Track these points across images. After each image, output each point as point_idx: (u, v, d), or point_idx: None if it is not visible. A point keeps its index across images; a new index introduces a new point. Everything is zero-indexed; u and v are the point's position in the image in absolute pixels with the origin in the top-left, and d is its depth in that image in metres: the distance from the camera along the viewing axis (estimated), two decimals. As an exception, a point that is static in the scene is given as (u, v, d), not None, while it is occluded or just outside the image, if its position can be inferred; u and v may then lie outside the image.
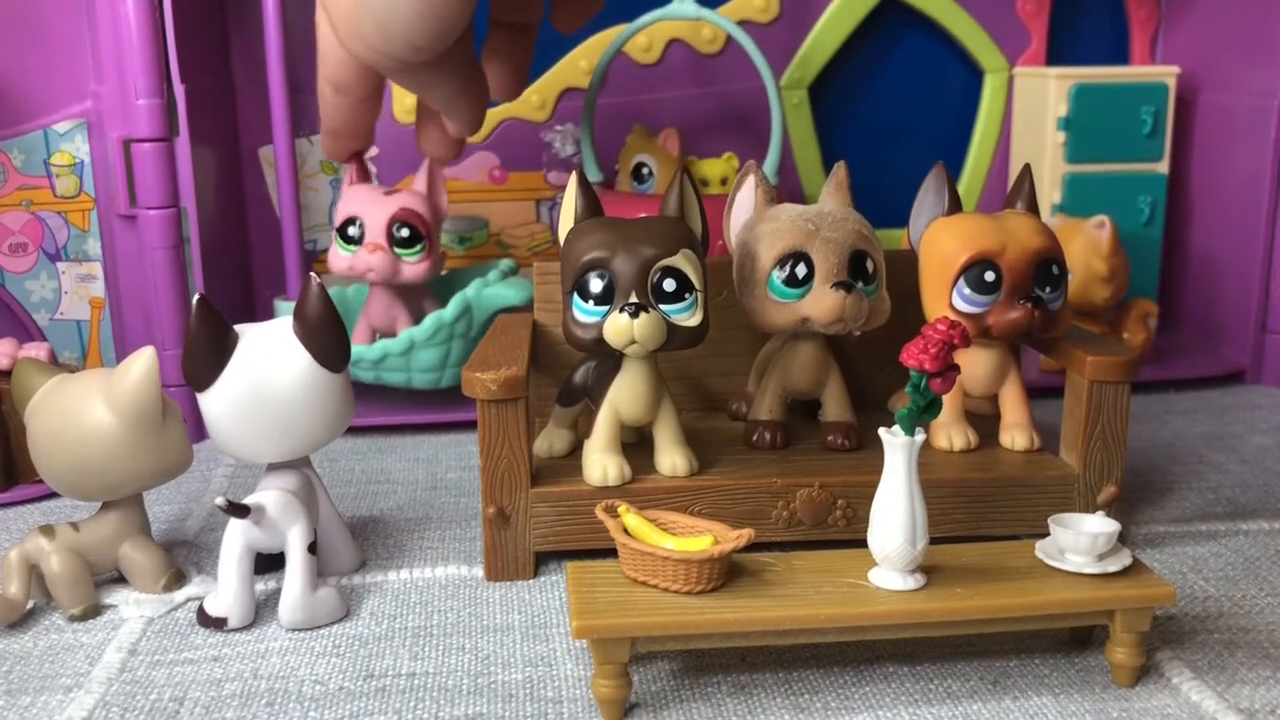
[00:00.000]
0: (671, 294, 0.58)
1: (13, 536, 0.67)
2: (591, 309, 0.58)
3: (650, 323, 0.57)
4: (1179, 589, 0.61)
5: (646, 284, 0.57)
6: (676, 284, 0.57)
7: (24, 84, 0.83)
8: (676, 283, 0.57)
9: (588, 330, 0.58)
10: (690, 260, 0.58)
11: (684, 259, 0.58)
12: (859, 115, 1.01)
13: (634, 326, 0.56)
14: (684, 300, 0.58)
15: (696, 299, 0.58)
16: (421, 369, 0.82)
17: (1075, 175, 0.95)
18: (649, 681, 0.52)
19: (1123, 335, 0.93)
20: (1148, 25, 1.02)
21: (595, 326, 0.57)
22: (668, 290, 0.57)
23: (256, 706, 0.50)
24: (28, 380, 0.59)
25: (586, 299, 0.58)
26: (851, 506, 0.62)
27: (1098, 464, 0.63)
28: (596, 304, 0.57)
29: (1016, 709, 0.50)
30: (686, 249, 0.58)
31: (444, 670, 0.53)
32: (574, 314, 0.58)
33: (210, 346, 0.56)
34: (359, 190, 0.83)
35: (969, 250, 0.63)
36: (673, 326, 0.58)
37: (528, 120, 0.95)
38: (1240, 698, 0.51)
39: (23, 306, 0.86)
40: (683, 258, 0.57)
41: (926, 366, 0.49)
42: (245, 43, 0.91)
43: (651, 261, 0.57)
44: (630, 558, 0.51)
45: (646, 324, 0.57)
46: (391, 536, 0.68)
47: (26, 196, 0.84)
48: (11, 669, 0.54)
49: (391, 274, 0.81)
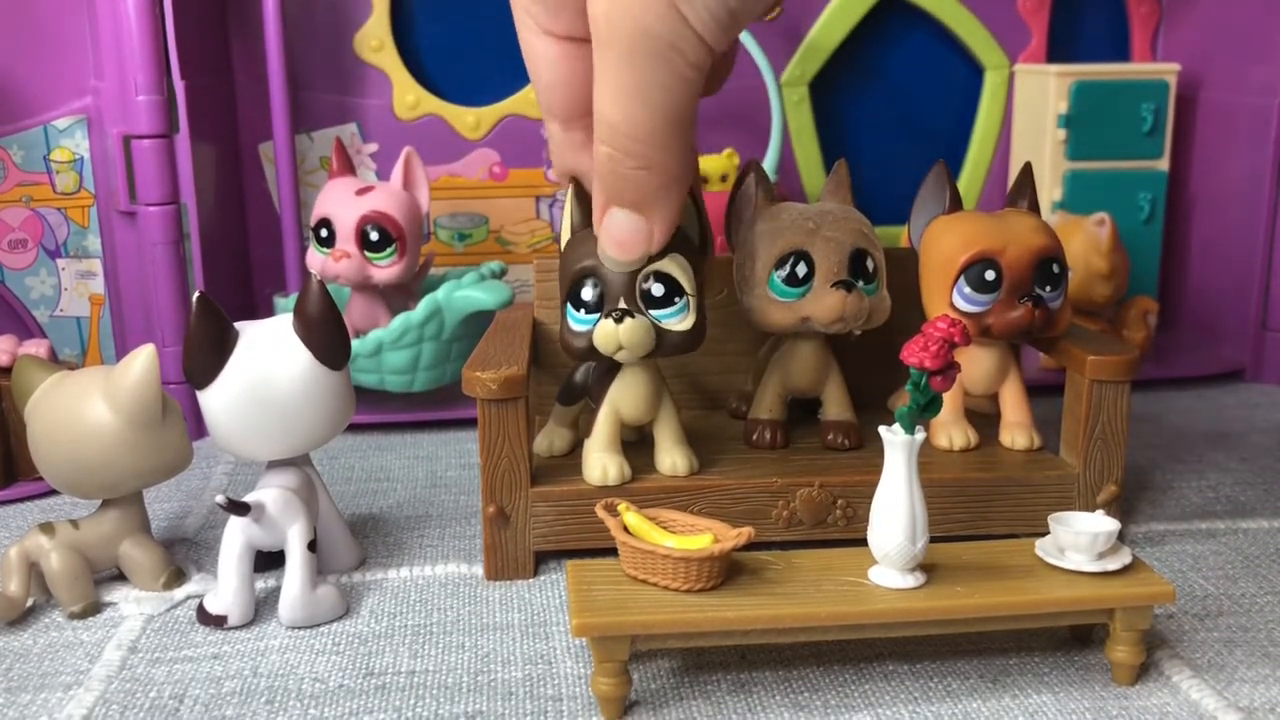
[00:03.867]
0: (660, 299, 0.57)
1: (12, 534, 0.67)
2: (584, 317, 0.57)
3: (636, 328, 0.56)
4: (1179, 587, 0.61)
5: (635, 290, 0.57)
6: (665, 289, 0.57)
7: (24, 80, 0.83)
8: (665, 287, 0.57)
9: (580, 339, 0.58)
10: (679, 264, 0.57)
11: (672, 263, 0.57)
12: (859, 112, 1.01)
13: (619, 332, 0.56)
14: (673, 305, 0.57)
15: (688, 303, 0.58)
16: (392, 371, 0.82)
17: (1075, 172, 0.95)
18: (649, 679, 0.52)
19: (1123, 333, 0.93)
20: (1148, 22, 1.02)
21: (587, 335, 0.57)
22: (656, 295, 0.57)
23: (256, 704, 0.50)
24: (28, 377, 0.59)
25: (579, 307, 0.57)
26: (851, 506, 0.62)
27: (1097, 463, 0.63)
28: (588, 312, 0.57)
29: (1016, 707, 0.50)
30: (675, 252, 0.57)
31: (444, 668, 0.53)
32: (568, 323, 0.58)
33: (210, 344, 0.56)
34: (335, 187, 0.83)
35: (969, 249, 0.63)
36: (662, 332, 0.57)
37: (528, 117, 0.95)
38: (1240, 696, 0.51)
39: (22, 303, 0.86)
40: (671, 261, 0.57)
41: (927, 364, 0.49)
42: (245, 39, 0.91)
43: (639, 269, 0.56)
44: (630, 556, 0.51)
45: (632, 329, 0.56)
46: (391, 534, 0.68)
47: (26, 193, 0.84)
48: (11, 666, 0.54)
49: (361, 278, 0.81)
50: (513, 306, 0.78)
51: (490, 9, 0.95)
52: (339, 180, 0.84)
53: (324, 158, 0.94)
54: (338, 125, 0.94)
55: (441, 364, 0.83)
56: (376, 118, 0.94)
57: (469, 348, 0.80)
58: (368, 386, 0.83)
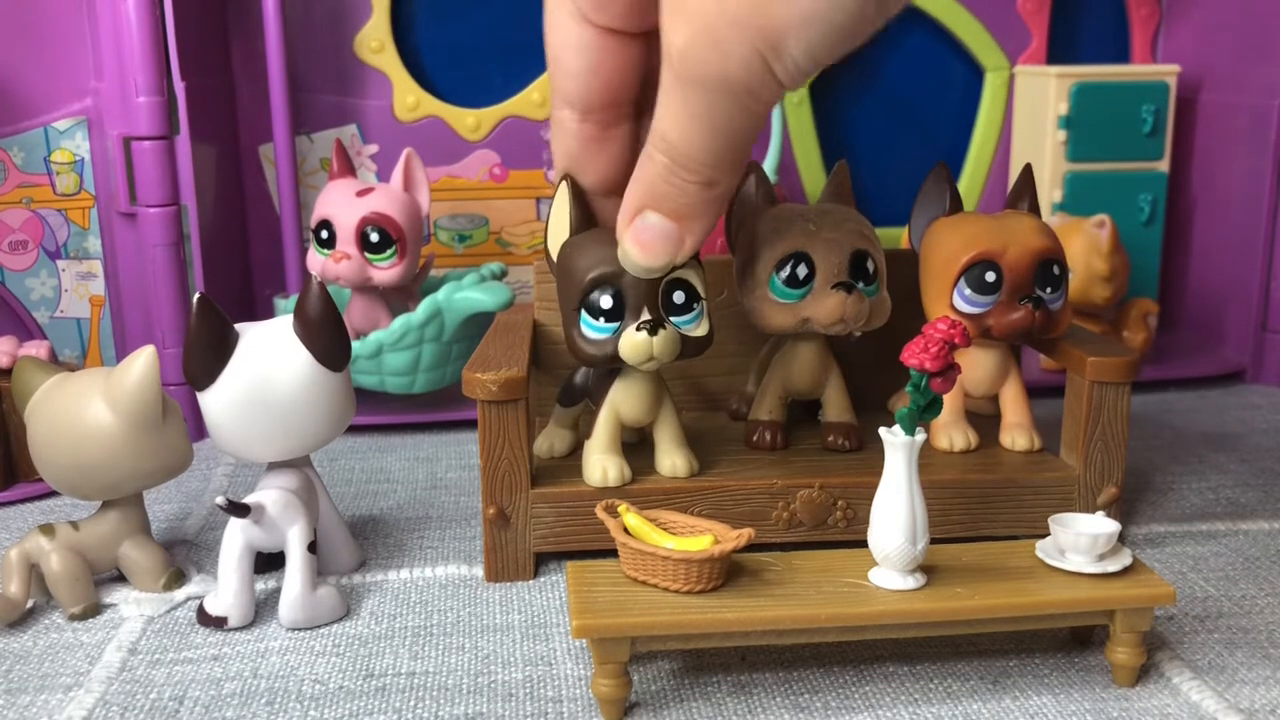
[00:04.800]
0: (680, 306, 0.57)
1: (12, 535, 0.67)
2: (602, 325, 0.57)
3: (668, 339, 0.56)
4: (1179, 589, 0.61)
5: (658, 298, 0.56)
6: (685, 296, 0.57)
7: (24, 81, 0.83)
8: (685, 294, 0.57)
9: (600, 347, 0.57)
10: (696, 271, 0.57)
11: (691, 270, 0.57)
12: (860, 114, 1.01)
13: (654, 344, 0.56)
14: (692, 311, 0.57)
15: (702, 308, 0.58)
16: (392, 372, 0.82)
17: (1076, 174, 0.95)
18: (649, 681, 0.52)
19: (1123, 334, 0.93)
20: (1148, 24, 1.02)
21: (608, 343, 0.57)
22: (677, 303, 0.57)
23: (256, 705, 0.50)
24: (28, 379, 0.59)
25: (596, 316, 0.57)
26: (852, 507, 0.62)
27: (1098, 464, 0.63)
28: (607, 320, 0.57)
29: (1016, 708, 0.50)
30: (692, 259, 0.57)
31: (444, 669, 0.53)
32: (582, 331, 0.57)
33: (210, 345, 0.56)
34: (335, 188, 0.83)
35: (970, 250, 0.63)
36: (683, 338, 0.57)
37: (528, 118, 0.95)
38: (1240, 697, 0.51)
39: (23, 304, 0.86)
40: (689, 269, 0.57)
41: (927, 366, 0.49)
42: (245, 40, 0.91)
43: (662, 276, 0.56)
44: (630, 557, 0.51)
45: (665, 341, 0.56)
46: (391, 536, 0.68)
47: (27, 194, 0.84)
48: (11, 668, 0.54)
49: (361, 280, 0.81)
50: (513, 308, 0.78)
51: (490, 10, 0.95)
52: (339, 181, 0.84)
53: (324, 159, 0.94)
54: (338, 127, 0.94)
55: (442, 365, 0.83)
56: (377, 119, 0.94)
57: (469, 349, 0.80)
58: (368, 388, 0.83)
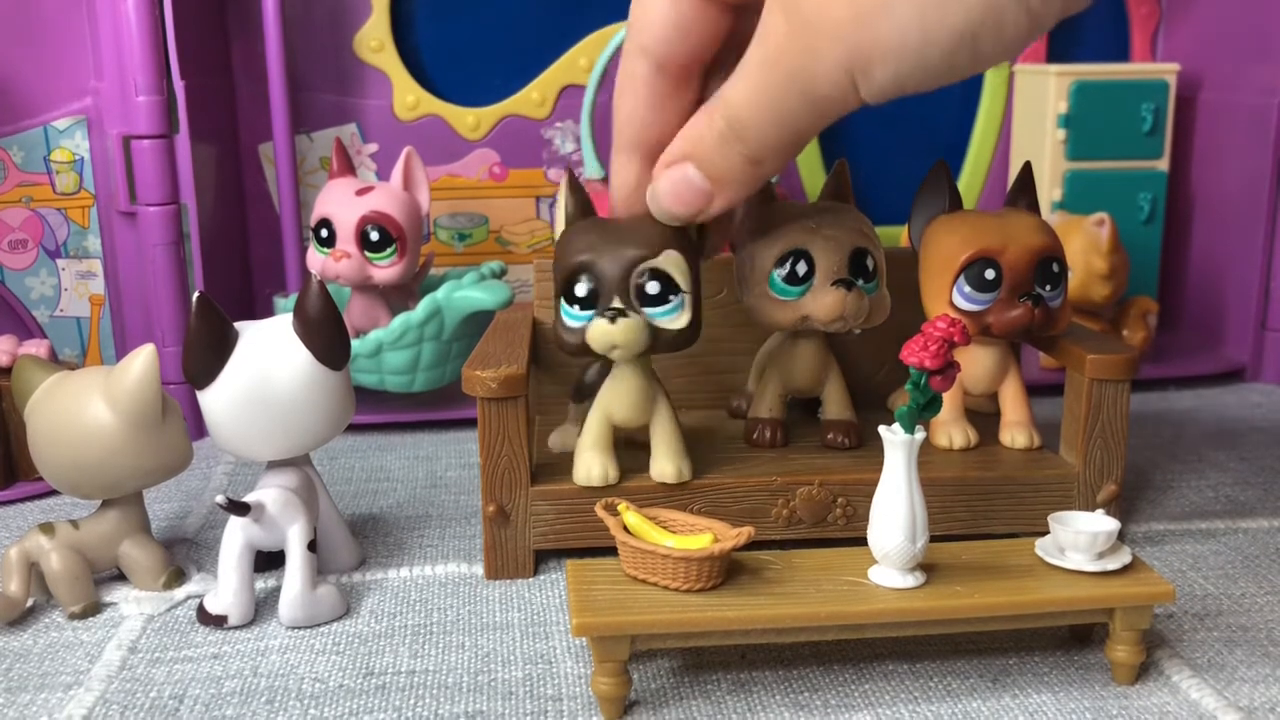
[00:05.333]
0: (655, 296, 0.56)
1: (12, 534, 0.67)
2: (578, 313, 0.57)
3: (631, 327, 0.56)
4: (1178, 587, 0.61)
5: (629, 287, 0.56)
6: (661, 286, 0.56)
7: (24, 81, 0.83)
8: (660, 285, 0.56)
9: (574, 335, 0.57)
10: (675, 261, 0.56)
11: (668, 260, 0.56)
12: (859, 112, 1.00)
13: (613, 332, 0.55)
14: (668, 303, 0.56)
15: (683, 300, 0.57)
16: (392, 371, 0.82)
17: (1075, 172, 0.95)
18: (649, 679, 0.52)
19: (1122, 333, 0.93)
20: (1148, 22, 1.02)
21: (581, 331, 0.57)
22: (651, 293, 0.56)
23: (256, 704, 0.50)
24: (27, 377, 0.59)
25: (573, 303, 0.57)
26: (851, 505, 0.62)
27: (1097, 462, 0.63)
28: (582, 308, 0.57)
29: (1016, 706, 0.50)
30: (671, 249, 0.56)
31: (444, 668, 0.53)
32: (562, 319, 0.58)
33: (210, 344, 0.56)
34: (335, 187, 0.83)
35: (969, 248, 0.63)
36: (657, 330, 0.57)
37: (528, 117, 0.95)
38: (1239, 695, 0.51)
39: (22, 303, 0.86)
40: (666, 258, 0.56)
41: (927, 364, 0.49)
42: (245, 39, 0.91)
43: (634, 263, 0.56)
44: (630, 556, 0.51)
45: (627, 329, 0.55)
46: (391, 534, 0.68)
47: (26, 193, 0.84)
48: (11, 667, 0.54)
49: (361, 278, 0.81)
50: (512, 306, 0.78)
51: (490, 10, 0.95)
52: (339, 180, 0.84)
53: (324, 158, 0.94)
54: (338, 125, 0.94)
55: (441, 364, 0.83)
56: (376, 118, 0.94)
57: (469, 348, 0.80)
58: (368, 386, 0.83)
